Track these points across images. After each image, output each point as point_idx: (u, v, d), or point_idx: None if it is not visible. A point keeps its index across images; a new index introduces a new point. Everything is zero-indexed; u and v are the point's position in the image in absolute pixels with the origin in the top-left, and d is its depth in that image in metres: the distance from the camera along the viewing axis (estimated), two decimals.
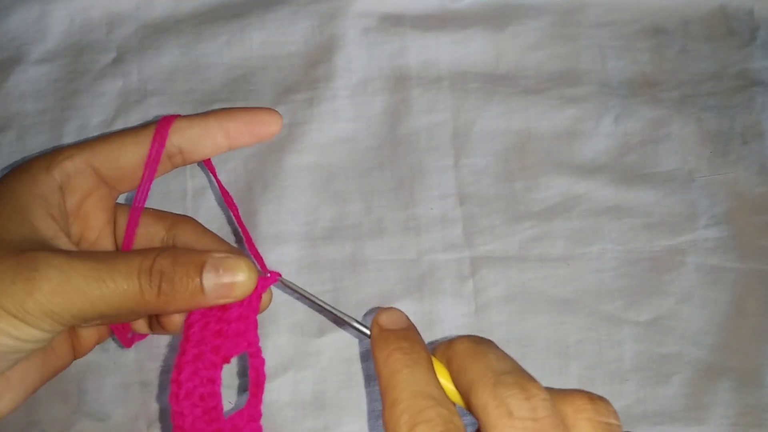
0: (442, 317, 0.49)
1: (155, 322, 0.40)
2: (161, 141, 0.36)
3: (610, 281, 0.50)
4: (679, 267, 0.50)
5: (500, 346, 0.37)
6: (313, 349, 0.49)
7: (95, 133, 0.53)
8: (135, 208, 0.37)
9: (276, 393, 0.48)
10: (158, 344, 0.49)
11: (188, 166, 0.51)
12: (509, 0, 0.56)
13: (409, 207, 0.51)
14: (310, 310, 0.49)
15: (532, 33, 0.55)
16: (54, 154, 0.36)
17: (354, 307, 0.49)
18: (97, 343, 0.40)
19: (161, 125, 0.37)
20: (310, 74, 0.54)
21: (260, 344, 0.36)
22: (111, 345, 0.48)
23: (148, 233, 0.39)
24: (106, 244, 0.38)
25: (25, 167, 0.36)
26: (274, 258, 0.50)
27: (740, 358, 0.48)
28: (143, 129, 0.37)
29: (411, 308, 0.49)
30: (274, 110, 0.39)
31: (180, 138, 0.37)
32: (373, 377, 0.48)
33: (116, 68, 0.54)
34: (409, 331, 0.32)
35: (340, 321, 0.38)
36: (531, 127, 0.53)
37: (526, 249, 0.51)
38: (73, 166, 0.36)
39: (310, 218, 0.51)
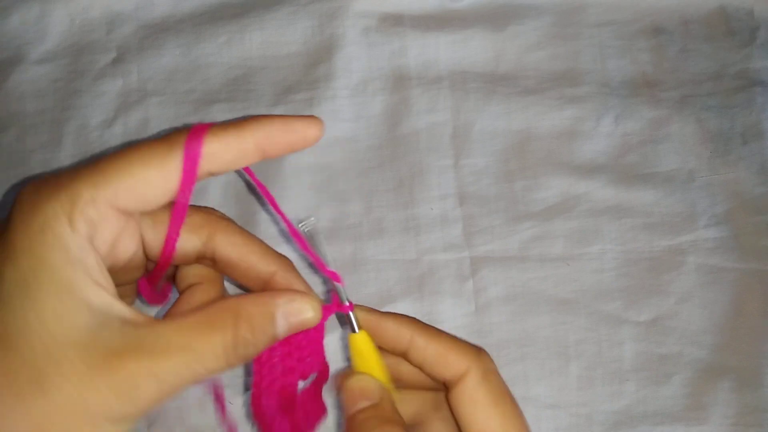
0: (442, 317, 0.49)
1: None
2: (191, 168, 0.30)
3: (610, 281, 0.50)
4: (679, 267, 0.50)
5: (500, 346, 0.38)
6: None
7: (95, 134, 0.53)
8: (169, 240, 0.33)
9: None
10: None
11: None
12: (509, 0, 0.56)
13: (409, 207, 0.51)
14: None
15: (532, 33, 0.55)
16: (69, 198, 0.28)
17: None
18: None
19: (190, 145, 0.30)
20: (310, 74, 0.54)
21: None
22: None
23: (184, 248, 0.34)
24: (137, 262, 0.34)
25: (40, 221, 0.28)
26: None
27: (740, 358, 0.48)
28: (167, 149, 0.30)
29: (411, 308, 0.49)
30: (313, 118, 0.35)
31: (211, 164, 0.31)
32: None
33: (116, 68, 0.54)
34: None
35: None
36: (531, 127, 0.53)
37: (526, 249, 0.51)
38: (97, 213, 0.29)
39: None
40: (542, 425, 0.47)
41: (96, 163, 0.29)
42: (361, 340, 0.35)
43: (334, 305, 0.36)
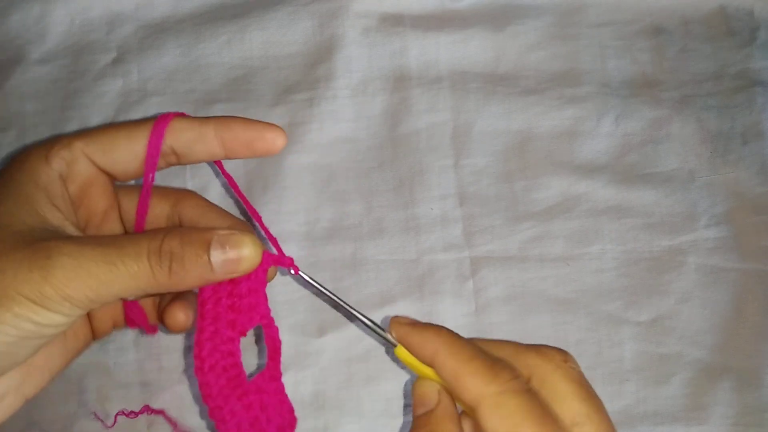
0: (442, 317, 0.49)
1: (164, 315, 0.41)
2: (156, 140, 0.36)
3: (610, 281, 0.50)
4: (679, 267, 0.50)
5: None
6: (313, 349, 0.49)
7: None
8: (141, 204, 0.38)
9: None
10: (158, 344, 0.49)
11: (188, 166, 0.51)
12: (509, 0, 0.56)
13: (409, 207, 0.51)
14: (310, 310, 0.49)
15: (532, 33, 0.55)
16: (51, 143, 0.36)
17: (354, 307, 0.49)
18: (115, 326, 0.41)
19: (158, 123, 0.37)
20: (310, 74, 0.54)
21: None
22: (111, 345, 0.49)
23: (154, 212, 0.39)
24: (113, 227, 0.39)
25: (23, 157, 0.36)
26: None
27: (740, 358, 0.48)
28: (140, 124, 0.37)
29: (411, 308, 0.49)
30: (277, 127, 0.38)
31: (174, 140, 0.37)
32: (373, 377, 0.48)
33: (116, 68, 0.54)
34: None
35: (349, 315, 0.39)
36: (531, 127, 0.53)
37: (526, 249, 0.51)
38: (70, 154, 0.36)
39: (310, 218, 0.51)
40: None
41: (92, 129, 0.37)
42: (402, 353, 0.35)
43: (279, 256, 0.37)
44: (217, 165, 0.39)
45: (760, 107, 0.54)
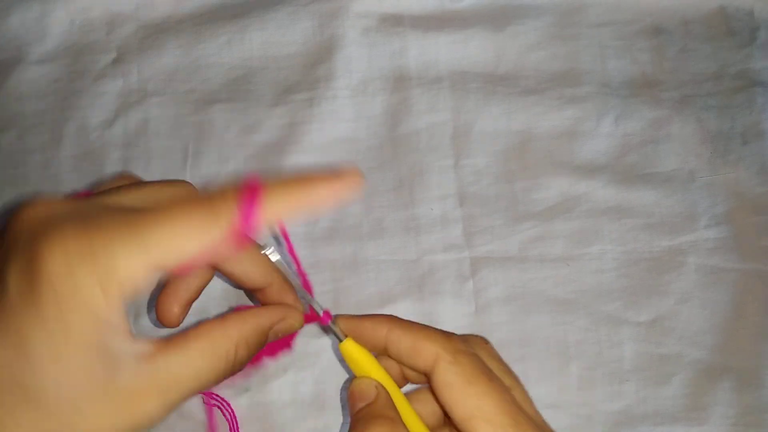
0: (442, 318, 0.49)
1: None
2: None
3: (610, 281, 0.50)
4: (679, 267, 0.50)
5: (500, 346, 0.38)
6: (313, 349, 0.49)
7: (95, 134, 0.53)
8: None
9: (276, 393, 0.48)
10: None
11: (189, 159, 0.52)
12: (509, 0, 0.56)
13: (409, 207, 0.51)
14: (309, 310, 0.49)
15: (532, 33, 0.55)
16: (103, 266, 0.27)
17: (354, 308, 0.49)
18: None
19: (242, 220, 0.28)
20: (310, 74, 0.54)
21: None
22: None
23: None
24: None
25: (70, 286, 0.27)
26: (274, 258, 0.49)
27: (740, 358, 0.48)
28: (212, 217, 0.28)
29: (411, 308, 0.49)
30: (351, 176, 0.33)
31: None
32: None
33: (116, 68, 0.54)
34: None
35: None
36: (531, 127, 0.53)
37: (526, 249, 0.51)
38: (131, 279, 0.28)
39: (310, 218, 0.51)
40: None
41: (132, 219, 0.28)
42: (349, 347, 0.36)
43: (314, 315, 0.38)
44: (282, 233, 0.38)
45: (760, 107, 0.54)
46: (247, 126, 0.53)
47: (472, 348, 0.35)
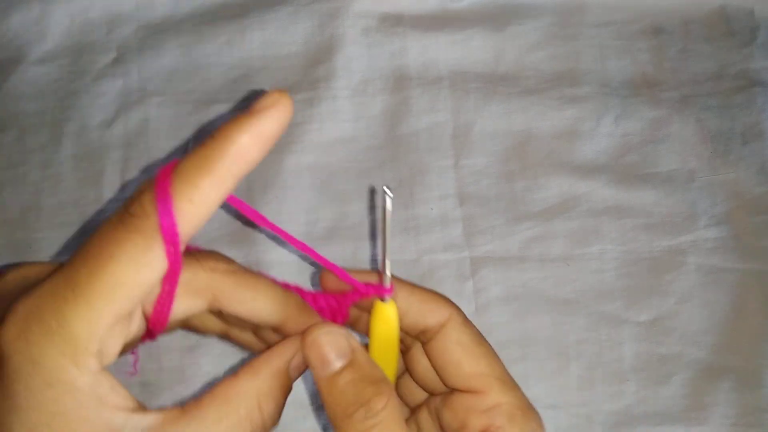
0: None
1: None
2: (174, 258, 0.25)
3: (610, 281, 0.50)
4: (679, 267, 0.50)
5: (500, 346, 0.38)
6: None
7: (95, 134, 0.53)
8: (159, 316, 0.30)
9: None
10: (158, 344, 0.48)
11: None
12: (509, 0, 0.56)
13: (409, 207, 0.51)
14: None
15: (532, 33, 0.55)
16: (68, 345, 0.25)
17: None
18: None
19: (166, 230, 0.25)
20: (310, 74, 0.54)
21: None
22: None
23: (186, 311, 0.31)
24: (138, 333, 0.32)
25: (43, 374, 0.24)
26: (275, 258, 0.50)
27: (740, 358, 0.48)
28: (145, 241, 0.25)
29: None
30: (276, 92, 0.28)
31: (193, 227, 0.26)
32: None
33: (116, 68, 0.54)
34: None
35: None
36: (531, 127, 0.53)
37: (526, 249, 0.51)
38: (99, 342, 0.25)
39: (310, 218, 0.51)
40: None
41: (74, 279, 0.25)
42: (390, 311, 0.34)
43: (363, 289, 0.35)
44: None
45: (760, 107, 0.54)
46: None
47: None
